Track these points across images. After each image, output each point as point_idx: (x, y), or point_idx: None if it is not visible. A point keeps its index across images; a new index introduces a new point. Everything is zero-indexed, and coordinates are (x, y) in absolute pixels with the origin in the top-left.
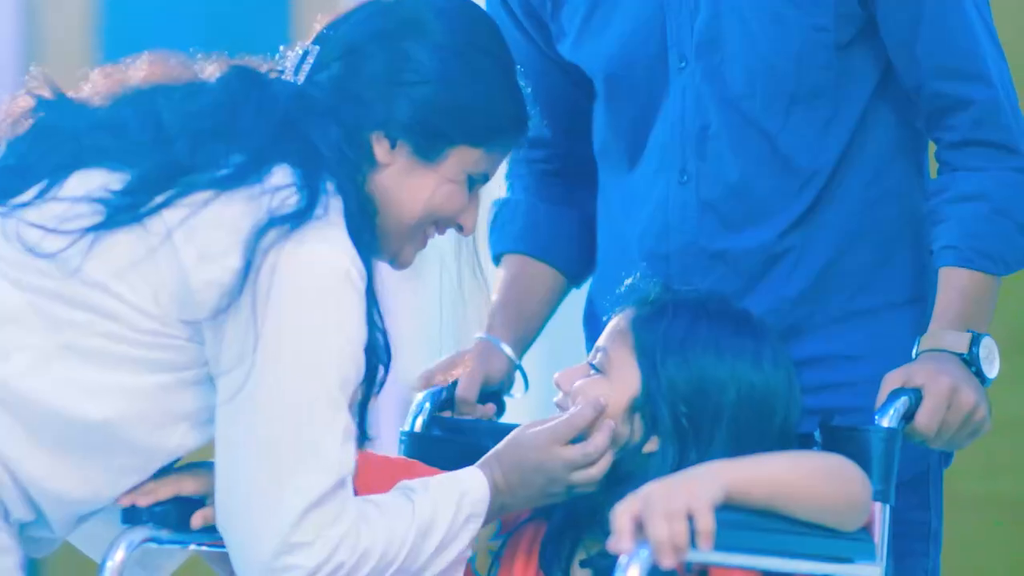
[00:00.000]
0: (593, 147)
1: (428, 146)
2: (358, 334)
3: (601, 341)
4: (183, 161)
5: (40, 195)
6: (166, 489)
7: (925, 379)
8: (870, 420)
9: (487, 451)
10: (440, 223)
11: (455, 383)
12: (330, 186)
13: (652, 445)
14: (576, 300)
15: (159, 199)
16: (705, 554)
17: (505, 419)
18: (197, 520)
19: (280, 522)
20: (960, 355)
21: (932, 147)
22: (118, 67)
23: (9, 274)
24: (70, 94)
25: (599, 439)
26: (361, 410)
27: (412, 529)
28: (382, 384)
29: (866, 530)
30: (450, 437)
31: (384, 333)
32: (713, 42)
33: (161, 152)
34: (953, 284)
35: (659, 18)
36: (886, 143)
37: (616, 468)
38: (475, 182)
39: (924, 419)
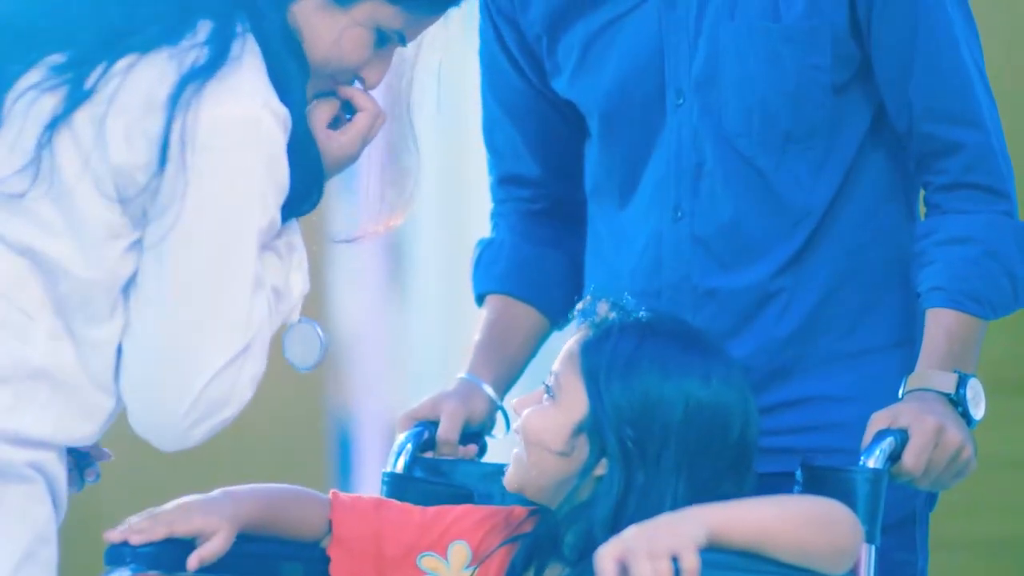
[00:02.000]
0: (585, 184)
1: None
2: (275, 182)
3: (555, 365)
4: (119, 24)
5: None
6: (160, 530)
7: (911, 419)
8: (856, 461)
9: (469, 492)
10: (342, 73)
11: (437, 424)
12: (242, 27)
13: (601, 468)
14: (561, 338)
15: (99, 69)
16: None
17: (487, 459)
18: (193, 563)
19: (193, 382)
20: (947, 395)
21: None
22: None
23: None
24: None
25: None
26: None
27: None
28: (310, 208)
29: (852, 571)
30: (432, 478)
31: (316, 160)
32: (711, 79)
33: (98, 20)
34: (941, 325)
35: (658, 55)
36: (878, 185)
37: (571, 493)
38: (385, 39)
39: (911, 459)
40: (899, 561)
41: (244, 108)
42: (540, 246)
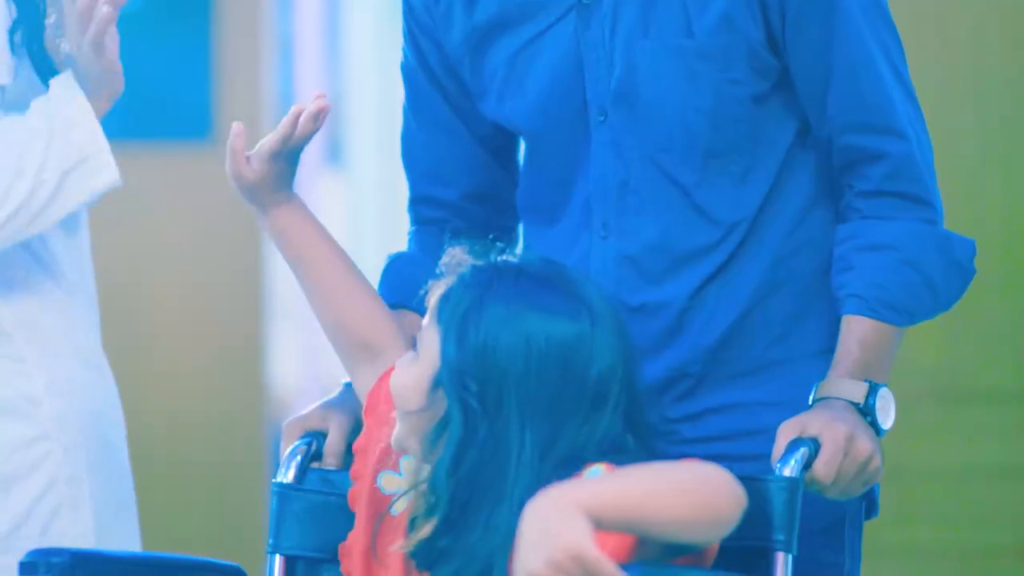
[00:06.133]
0: (517, 203)
1: None
2: None
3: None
4: None
5: None
6: None
7: (821, 428)
8: (767, 469)
9: None
10: None
11: (325, 434)
12: None
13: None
14: None
15: None
16: None
17: None
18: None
19: None
20: (856, 404)
21: None
22: None
23: None
24: None
25: None
26: None
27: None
28: None
29: None
30: (323, 489)
31: None
32: (629, 97)
33: None
34: (854, 333)
35: (578, 72)
36: (806, 192)
37: (428, 450)
38: None
39: (822, 468)
40: (826, 562)
41: None
42: None
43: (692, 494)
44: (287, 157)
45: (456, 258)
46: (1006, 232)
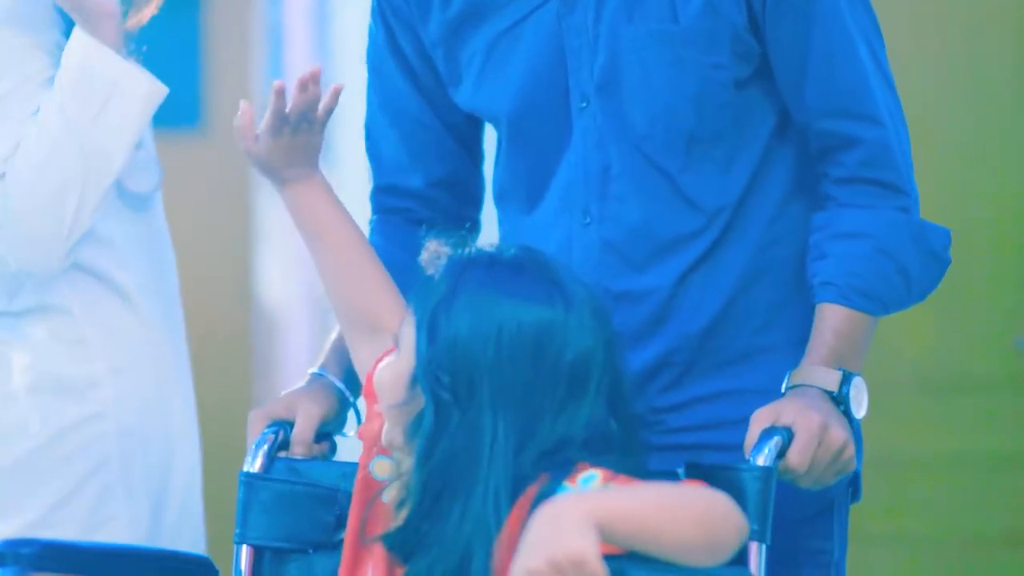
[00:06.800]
0: (492, 190)
1: None
2: None
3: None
4: None
5: None
6: None
7: (795, 416)
8: (740, 458)
9: (329, 491)
10: None
11: (292, 423)
12: None
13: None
14: None
15: None
16: None
17: (338, 459)
18: None
19: None
20: (829, 393)
21: None
22: None
23: None
24: None
25: None
26: None
27: None
28: None
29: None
30: (291, 478)
31: None
32: (612, 83)
33: None
34: (828, 321)
35: (560, 59)
36: (787, 180)
37: (407, 442)
38: None
39: (795, 457)
40: (815, 549)
41: None
42: (411, 254)
43: (700, 520)
44: (295, 132)
45: (434, 251)
46: (996, 220)
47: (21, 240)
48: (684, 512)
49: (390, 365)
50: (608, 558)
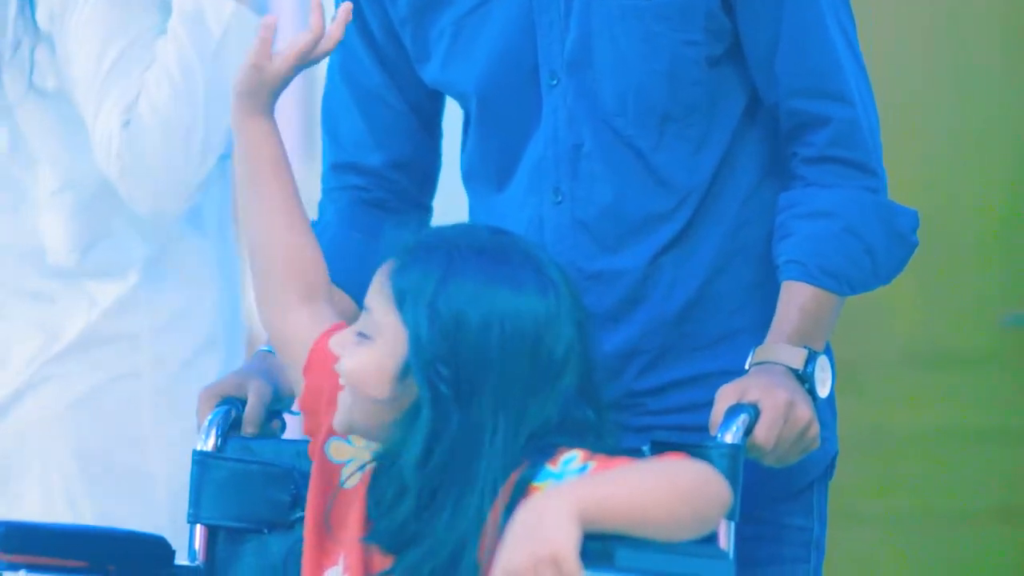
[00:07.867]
0: (460, 169)
1: None
2: None
3: (367, 299)
4: None
5: None
6: None
7: (761, 394)
8: (706, 436)
9: (284, 470)
10: None
11: (244, 401)
12: None
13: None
14: None
15: None
16: None
17: (286, 436)
18: None
19: None
20: (794, 371)
21: None
22: None
23: None
24: None
25: None
26: None
27: None
28: None
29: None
30: (244, 457)
31: None
32: (583, 60)
33: None
34: (794, 299)
35: (530, 35)
36: (759, 160)
37: (392, 438)
38: None
39: (762, 434)
40: (796, 527)
41: None
42: (366, 235)
43: (685, 497)
44: (299, 69)
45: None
46: (982, 196)
47: (147, 185)
48: (669, 492)
49: (360, 354)
50: (595, 537)
